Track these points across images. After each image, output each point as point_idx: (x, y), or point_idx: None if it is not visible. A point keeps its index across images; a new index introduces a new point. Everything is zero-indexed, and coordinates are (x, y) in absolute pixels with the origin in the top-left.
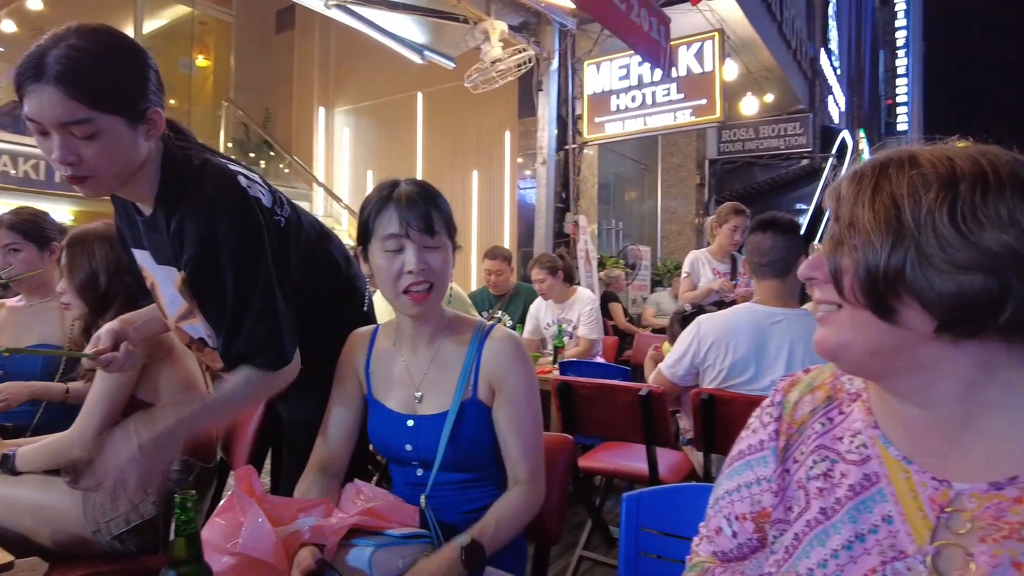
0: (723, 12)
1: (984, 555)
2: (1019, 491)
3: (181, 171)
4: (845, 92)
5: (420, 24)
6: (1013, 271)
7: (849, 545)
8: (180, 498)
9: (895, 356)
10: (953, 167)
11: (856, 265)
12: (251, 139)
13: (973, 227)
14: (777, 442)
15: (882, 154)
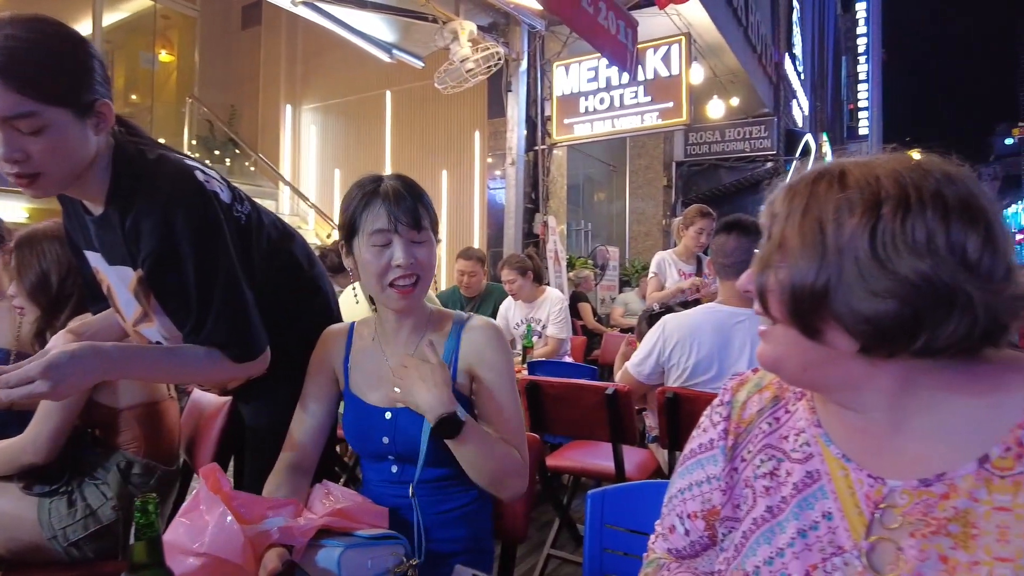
0: (690, 16)
1: (913, 549)
2: (946, 487)
3: (135, 166)
4: (808, 96)
5: (389, 23)
6: (927, 300)
7: (792, 542)
8: (140, 501)
9: (826, 371)
10: (878, 189)
11: (781, 285)
12: (216, 137)
13: (892, 254)
14: (726, 441)
15: (815, 169)
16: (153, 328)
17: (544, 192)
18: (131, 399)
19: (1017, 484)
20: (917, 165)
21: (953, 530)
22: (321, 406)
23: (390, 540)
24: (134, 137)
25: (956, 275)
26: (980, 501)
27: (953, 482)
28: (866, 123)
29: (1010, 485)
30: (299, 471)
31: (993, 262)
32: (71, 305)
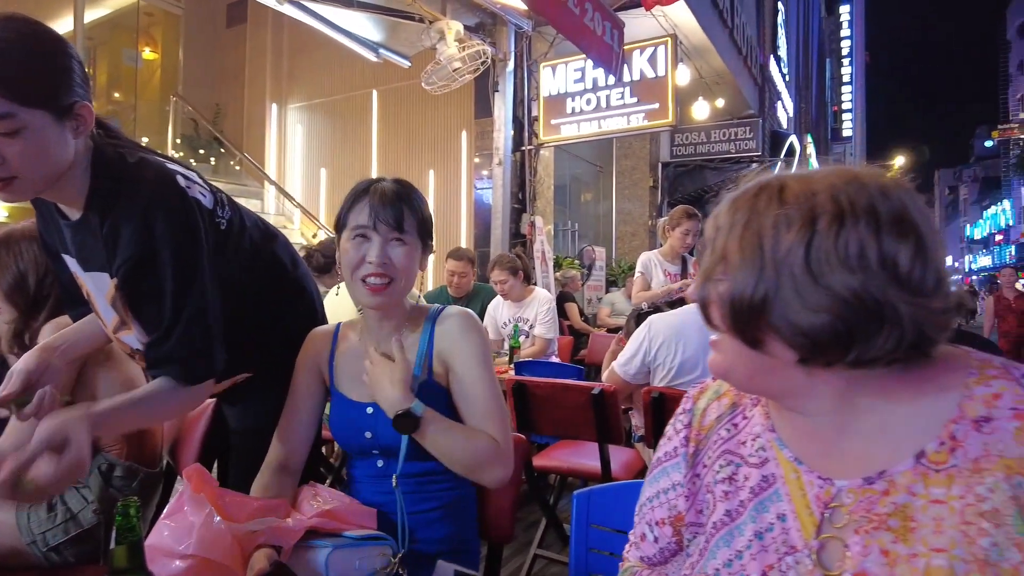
0: (676, 18)
1: (857, 546)
2: (887, 484)
3: (115, 170)
4: (793, 98)
5: (375, 22)
6: (858, 315)
7: (750, 544)
8: (121, 504)
9: (771, 379)
10: (814, 204)
11: (722, 298)
12: (201, 135)
13: (825, 269)
14: (687, 448)
15: (757, 183)
16: (132, 335)
17: (531, 192)
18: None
19: (951, 477)
20: (854, 179)
21: (893, 524)
22: (307, 406)
23: (378, 541)
24: (114, 140)
25: (886, 290)
26: (917, 495)
27: (893, 478)
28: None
29: (944, 478)
30: (286, 471)
31: (924, 273)
32: (48, 306)
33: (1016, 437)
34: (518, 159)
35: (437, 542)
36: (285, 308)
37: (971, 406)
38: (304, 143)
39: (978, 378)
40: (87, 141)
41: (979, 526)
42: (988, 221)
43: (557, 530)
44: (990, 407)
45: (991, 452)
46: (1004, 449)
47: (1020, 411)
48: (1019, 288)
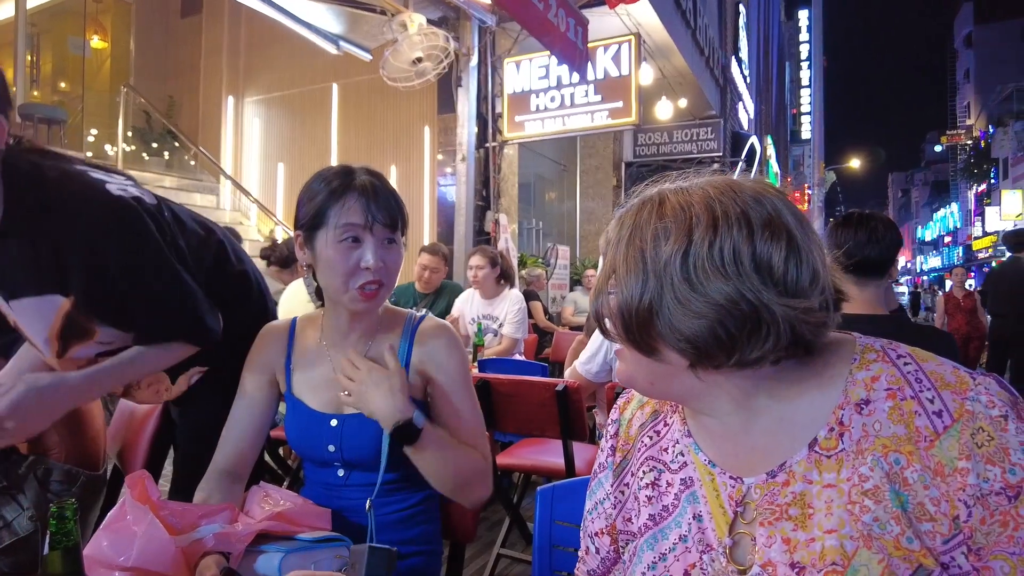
0: (639, 17)
1: (763, 537)
2: (787, 475)
3: (34, 185)
4: (754, 100)
5: (336, 14)
6: (736, 319)
7: (675, 546)
8: (56, 507)
9: (670, 383)
10: (690, 215)
11: (612, 309)
12: (153, 128)
13: (702, 277)
14: (614, 458)
15: (640, 197)
16: (93, 343)
17: (495, 190)
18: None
19: (840, 461)
20: (728, 188)
21: (793, 513)
22: (258, 409)
23: (333, 542)
24: (25, 150)
25: (760, 293)
26: (813, 482)
27: (791, 469)
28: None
29: (834, 463)
30: (232, 477)
31: (798, 272)
32: None
33: (889, 416)
34: (482, 156)
35: (399, 544)
36: (232, 302)
37: (854, 390)
38: (261, 137)
39: (859, 363)
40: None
41: (862, 504)
42: (938, 223)
43: (521, 529)
44: (869, 390)
45: (869, 433)
46: (880, 429)
47: (892, 391)
48: (967, 288)
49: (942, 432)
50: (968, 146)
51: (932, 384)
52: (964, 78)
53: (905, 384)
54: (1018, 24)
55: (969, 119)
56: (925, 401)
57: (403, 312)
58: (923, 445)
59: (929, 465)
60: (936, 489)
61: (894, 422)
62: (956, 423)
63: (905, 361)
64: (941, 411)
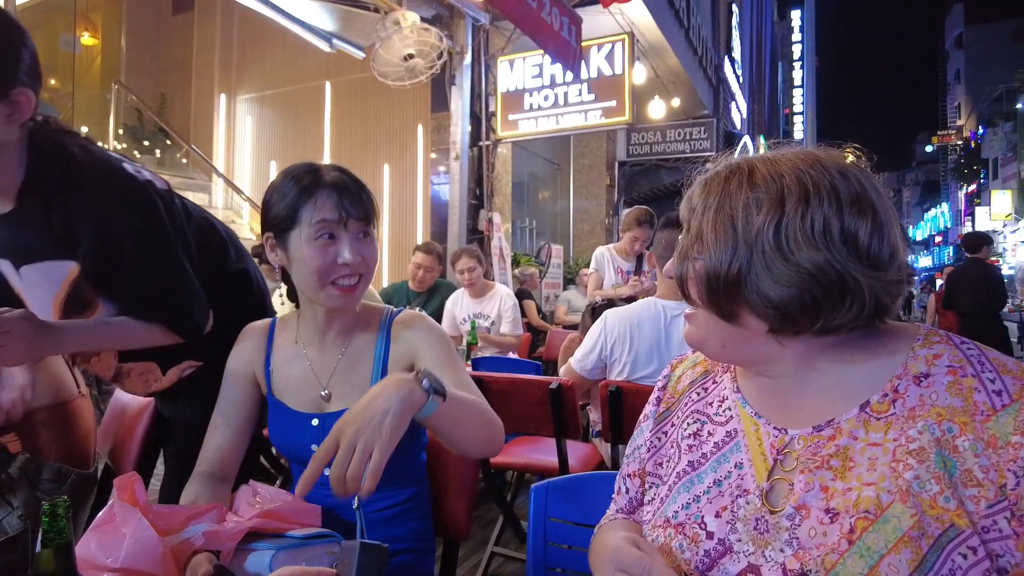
0: (633, 16)
1: (800, 483)
2: (833, 430)
3: (59, 159)
4: (747, 99)
5: (329, 12)
6: (823, 287)
7: (708, 490)
8: (49, 504)
9: (742, 347)
10: (781, 186)
11: (699, 274)
12: (145, 126)
13: (793, 247)
14: (657, 408)
15: (727, 165)
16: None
17: (489, 188)
18: (37, 401)
19: (888, 424)
20: (816, 161)
21: (834, 464)
22: (241, 411)
23: (324, 539)
24: (51, 129)
25: (847, 263)
26: (859, 439)
27: (839, 425)
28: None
29: (883, 425)
30: (218, 478)
31: (880, 247)
32: None
33: (948, 389)
34: (475, 155)
35: (389, 540)
36: (231, 299)
37: (914, 365)
38: (254, 135)
39: (923, 343)
40: (22, 131)
41: (906, 462)
42: (928, 223)
43: (514, 527)
44: (929, 365)
45: (925, 402)
46: (937, 399)
47: (954, 368)
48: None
49: (999, 409)
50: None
51: (994, 368)
52: (955, 79)
53: (967, 364)
54: (1008, 25)
55: (960, 120)
56: (986, 380)
57: (379, 308)
58: (979, 418)
59: (983, 437)
60: (987, 459)
61: (952, 395)
62: (1015, 403)
63: (968, 347)
64: (1001, 391)
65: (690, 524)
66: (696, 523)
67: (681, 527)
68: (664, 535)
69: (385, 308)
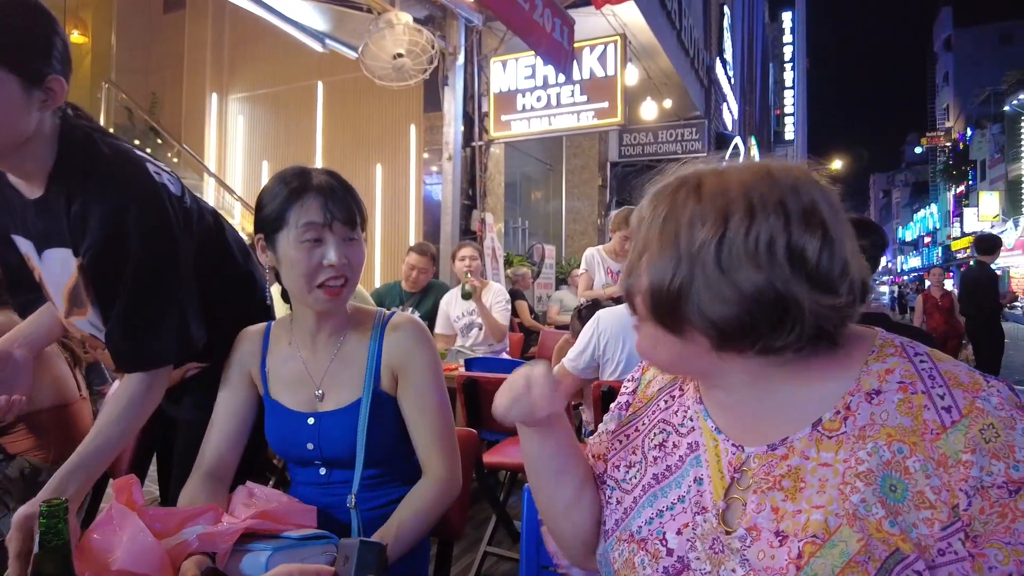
0: (625, 17)
1: (753, 504)
2: (786, 449)
3: (84, 151)
4: (738, 101)
5: (321, 11)
6: (763, 309)
7: (672, 505)
8: (46, 506)
9: (690, 361)
10: (727, 201)
11: (643, 288)
12: (136, 125)
13: (734, 264)
14: (624, 412)
15: (677, 177)
16: (85, 320)
17: (481, 189)
18: (38, 403)
19: (840, 443)
20: (767, 175)
21: (786, 485)
22: (238, 409)
23: (321, 540)
24: (84, 121)
25: (789, 284)
26: (810, 459)
27: (792, 444)
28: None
29: (834, 444)
30: (215, 479)
31: (831, 264)
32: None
33: (898, 407)
34: (468, 155)
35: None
36: (236, 299)
37: (867, 380)
38: (246, 135)
39: (877, 355)
40: (54, 119)
41: (854, 485)
42: (918, 224)
43: (507, 527)
44: (881, 381)
45: (876, 421)
46: (887, 418)
47: (904, 384)
48: (945, 288)
49: (949, 426)
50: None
51: (945, 382)
52: (943, 81)
53: (918, 379)
54: (996, 28)
55: (948, 121)
56: (936, 397)
57: (372, 310)
58: (928, 437)
59: (933, 456)
60: (938, 479)
61: (902, 413)
62: (964, 419)
63: (922, 359)
64: (950, 407)
65: (652, 540)
66: (658, 539)
67: (644, 543)
68: (628, 550)
69: (378, 311)
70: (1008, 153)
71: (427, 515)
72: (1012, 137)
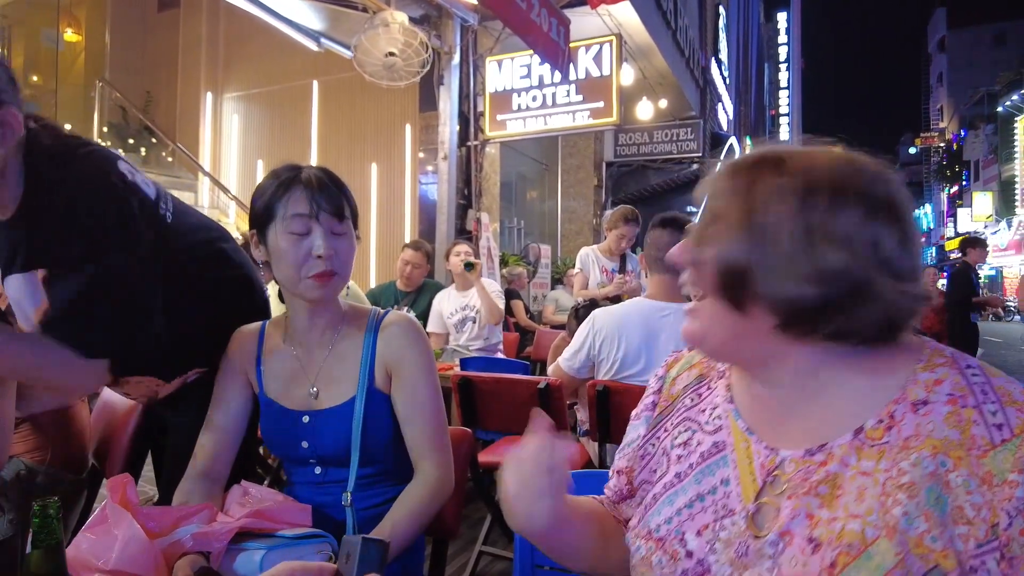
0: (621, 17)
1: (787, 509)
2: (825, 456)
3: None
4: (733, 101)
5: (316, 10)
6: (842, 290)
7: (691, 504)
8: (39, 505)
9: (745, 344)
10: (812, 179)
11: (714, 260)
12: (130, 124)
13: (816, 241)
14: (652, 412)
15: (757, 152)
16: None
17: (477, 188)
18: (39, 406)
19: (881, 452)
20: (850, 161)
21: (822, 491)
22: (233, 411)
23: (316, 538)
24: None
25: (869, 270)
26: (849, 466)
27: (831, 450)
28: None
29: (876, 453)
30: (210, 478)
31: (904, 259)
32: None
33: (946, 420)
34: (463, 154)
35: None
36: (229, 304)
37: (913, 390)
38: (240, 134)
39: (925, 364)
40: (18, 145)
41: (895, 497)
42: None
43: (502, 526)
44: (929, 391)
45: (921, 432)
46: (933, 430)
47: (954, 397)
48: (939, 288)
49: (999, 444)
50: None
51: (998, 398)
52: (937, 81)
53: (969, 393)
54: (990, 29)
55: (942, 122)
56: (987, 413)
57: (367, 309)
58: (975, 453)
59: (977, 473)
60: (980, 496)
61: (949, 426)
62: (1015, 438)
63: (974, 372)
64: (1002, 424)
65: (670, 540)
66: (676, 539)
67: (662, 542)
68: (646, 547)
69: (372, 309)
70: (1001, 153)
71: (420, 516)
72: (1005, 138)
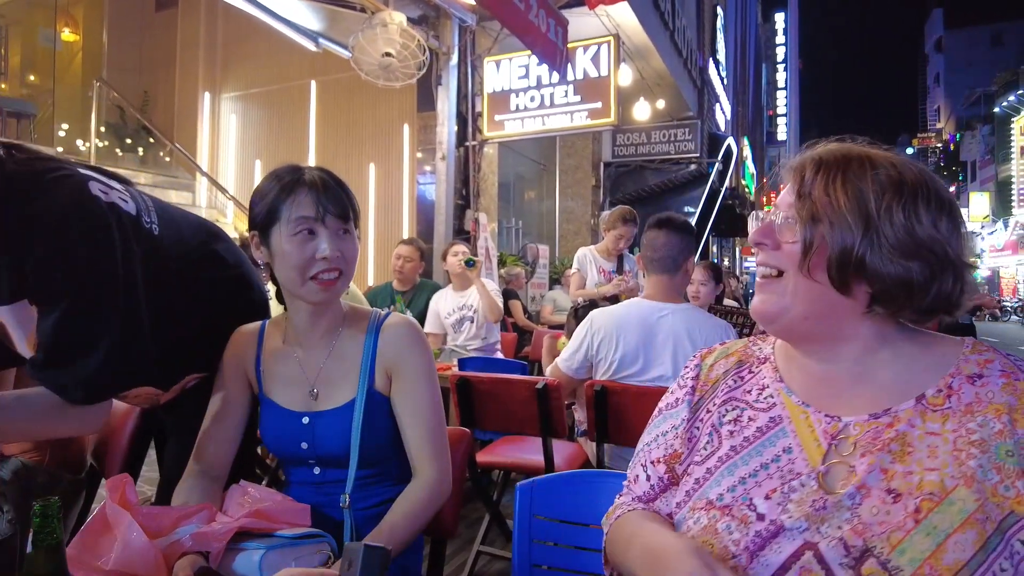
0: (619, 18)
1: (862, 465)
2: (891, 418)
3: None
4: (731, 101)
5: (314, 10)
6: (939, 266)
7: (755, 473)
8: (39, 505)
9: (826, 321)
10: (901, 174)
11: (831, 244)
12: (127, 124)
13: (916, 223)
14: (692, 397)
15: (837, 149)
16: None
17: (475, 188)
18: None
19: (945, 416)
20: (905, 160)
21: (894, 448)
22: (233, 408)
23: (314, 538)
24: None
25: (957, 251)
26: (916, 427)
27: (896, 414)
28: (784, 128)
29: (940, 417)
30: (209, 478)
31: (963, 248)
32: None
33: (1003, 389)
34: (462, 155)
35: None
36: (226, 305)
37: (966, 366)
38: (238, 134)
39: (972, 349)
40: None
41: (968, 451)
42: None
43: (500, 526)
44: (982, 368)
45: (982, 399)
46: (993, 397)
47: (1006, 372)
48: None
49: None
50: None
51: None
52: (934, 82)
53: (1018, 371)
54: (987, 30)
55: (939, 123)
56: None
57: (367, 310)
58: None
59: None
60: None
61: (1007, 394)
62: None
63: (1016, 358)
64: None
65: (738, 506)
66: (744, 504)
67: (728, 508)
68: (708, 517)
69: (373, 311)
70: (998, 154)
71: (417, 518)
72: (1002, 138)
